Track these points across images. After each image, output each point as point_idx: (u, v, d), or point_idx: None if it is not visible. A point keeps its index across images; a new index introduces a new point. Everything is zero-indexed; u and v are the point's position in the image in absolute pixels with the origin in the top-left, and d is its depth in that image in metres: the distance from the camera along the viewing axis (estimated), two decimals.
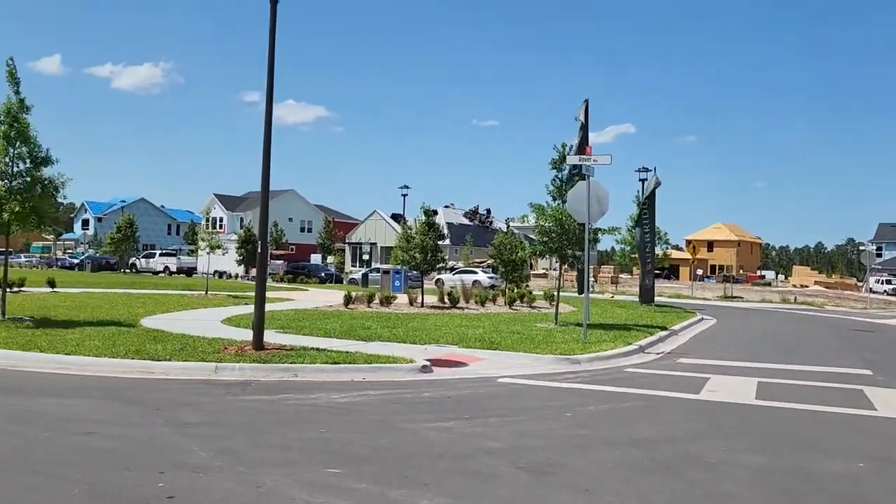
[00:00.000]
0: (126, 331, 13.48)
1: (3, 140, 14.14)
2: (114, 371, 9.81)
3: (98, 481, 5.02)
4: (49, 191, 14.84)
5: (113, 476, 5.16)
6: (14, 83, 14.46)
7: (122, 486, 4.94)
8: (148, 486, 4.94)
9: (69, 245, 78.97)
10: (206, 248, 26.46)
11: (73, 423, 6.73)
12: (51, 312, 16.67)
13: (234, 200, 73.79)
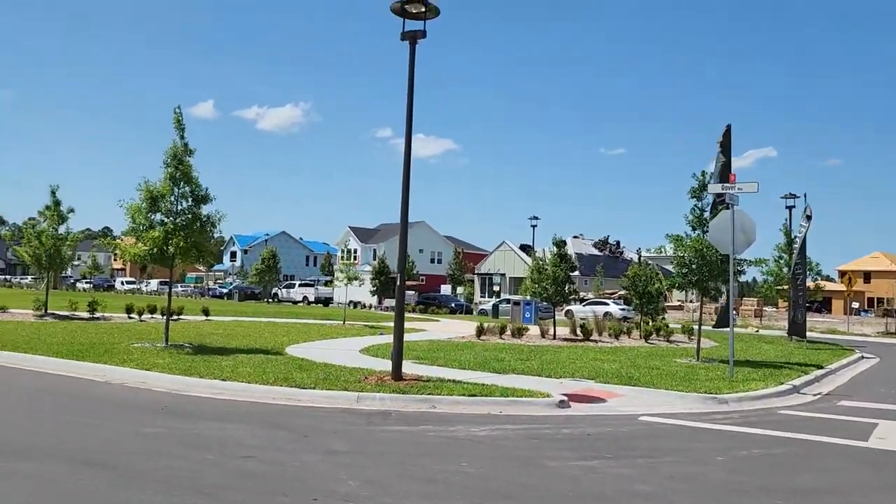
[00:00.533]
0: (273, 358, 14.21)
1: (169, 181, 15.45)
2: (264, 397, 10.34)
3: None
4: (207, 227, 16.04)
5: (271, 501, 5.41)
6: (180, 129, 15.81)
7: None
8: None
9: (219, 276, 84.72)
10: (343, 279, 27.53)
11: (233, 447, 7.13)
12: (206, 339, 17.89)
13: (368, 232, 76.45)
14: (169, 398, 10.07)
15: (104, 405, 9.32)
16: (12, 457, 6.33)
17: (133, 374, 11.76)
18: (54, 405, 9.20)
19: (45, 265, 25.89)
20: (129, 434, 7.58)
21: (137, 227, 15.43)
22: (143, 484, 5.67)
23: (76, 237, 26.57)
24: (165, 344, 15.48)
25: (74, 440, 7.13)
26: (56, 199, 25.54)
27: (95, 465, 6.18)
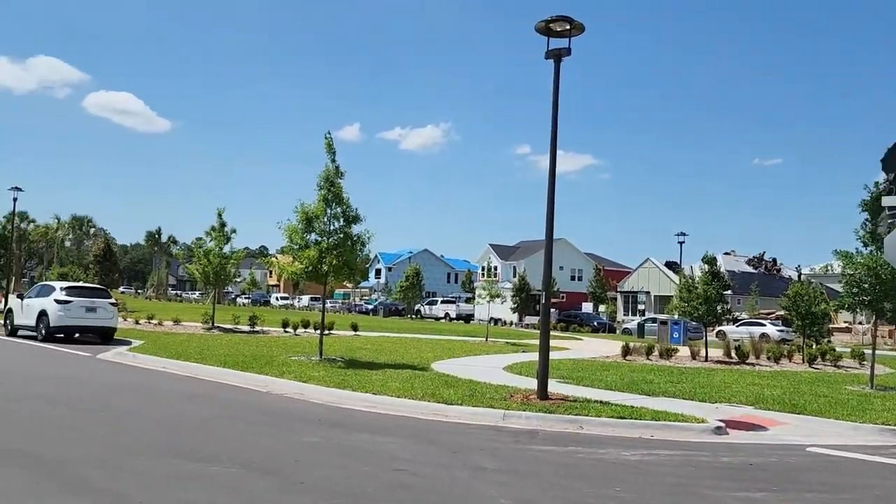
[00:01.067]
0: (420, 374, 14.54)
1: (323, 202, 16.30)
2: (412, 412, 10.58)
3: None
4: (357, 245, 16.75)
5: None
6: (331, 153, 16.64)
7: None
8: None
9: (365, 292, 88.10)
10: (486, 296, 27.77)
11: (386, 460, 7.35)
12: (356, 354, 18.62)
13: (507, 250, 76.71)
14: (324, 410, 10.56)
15: (267, 415, 9.92)
16: (201, 460, 6.87)
17: (291, 385, 12.44)
18: (227, 414, 9.90)
19: (211, 282, 28.10)
20: (291, 443, 8.02)
21: (294, 247, 16.38)
22: (306, 491, 5.97)
23: (239, 255, 28.65)
24: (319, 357, 16.27)
25: (247, 447, 7.63)
26: (222, 220, 27.71)
27: (266, 472, 6.57)
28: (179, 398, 11.09)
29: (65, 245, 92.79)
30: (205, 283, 30.13)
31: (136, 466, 6.52)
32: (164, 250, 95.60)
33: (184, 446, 7.50)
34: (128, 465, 6.58)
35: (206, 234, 28.57)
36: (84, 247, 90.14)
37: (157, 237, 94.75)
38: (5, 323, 22.86)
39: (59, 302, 20.06)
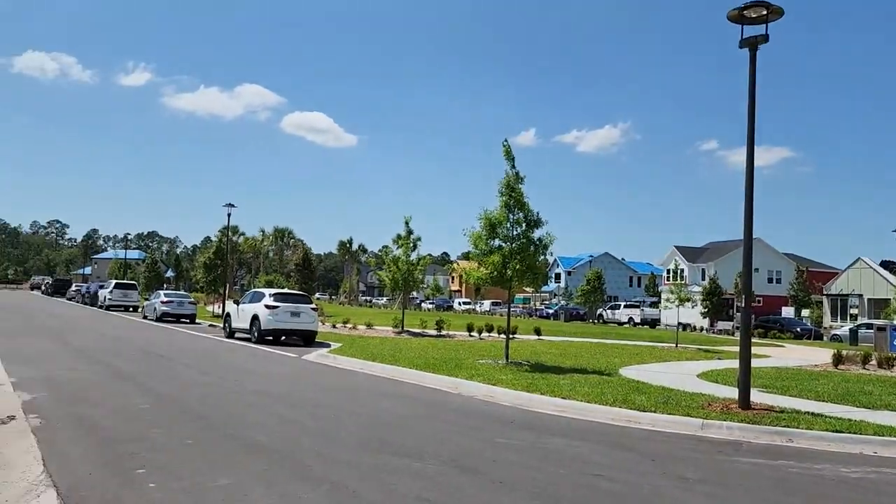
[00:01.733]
0: (608, 379, 14.26)
1: (504, 208, 16.54)
2: (602, 417, 10.41)
3: None
4: (540, 249, 16.80)
5: None
6: (510, 160, 16.85)
7: None
8: None
9: (544, 297, 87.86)
10: (674, 300, 26.63)
11: (581, 464, 7.31)
12: (541, 358, 18.65)
13: (695, 252, 72.98)
14: (515, 412, 10.69)
15: (461, 415, 10.23)
16: (405, 455, 7.27)
17: (481, 388, 12.73)
18: (425, 413, 10.35)
19: (400, 287, 29.42)
20: (486, 442, 8.21)
21: (479, 253, 16.76)
22: (505, 490, 6.10)
23: (426, 262, 29.78)
24: (506, 361, 16.49)
25: (445, 445, 7.94)
26: (409, 228, 28.96)
27: (465, 469, 6.80)
28: (379, 397, 11.74)
29: (269, 255, 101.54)
30: (393, 289, 31.61)
31: (347, 458, 7.02)
32: (354, 258, 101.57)
33: (388, 442, 7.95)
34: (340, 456, 7.10)
35: (393, 242, 29.96)
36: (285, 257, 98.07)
37: (348, 246, 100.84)
38: (225, 326, 25.47)
39: (269, 307, 22.01)
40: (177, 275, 76.40)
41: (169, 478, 6.00)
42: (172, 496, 5.48)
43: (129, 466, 6.32)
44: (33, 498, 5.35)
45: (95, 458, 6.60)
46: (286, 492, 5.74)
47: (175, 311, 33.20)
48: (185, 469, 6.32)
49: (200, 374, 13.52)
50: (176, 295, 35.88)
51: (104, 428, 8.05)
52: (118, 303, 43.31)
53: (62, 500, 5.27)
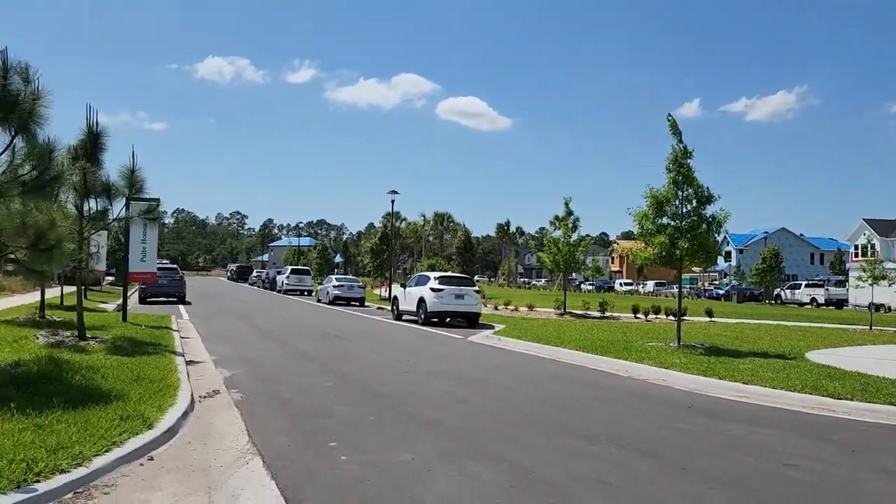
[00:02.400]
0: (793, 364, 13.32)
1: (672, 185, 15.82)
2: (790, 404, 9.73)
3: None
4: (713, 227, 15.92)
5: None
6: (676, 134, 16.06)
7: None
8: None
9: (713, 277, 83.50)
10: (867, 278, 24.32)
11: (770, 453, 6.88)
12: (716, 341, 17.76)
13: (887, 224, 66.05)
14: (691, 397, 10.27)
15: (634, 398, 9.98)
16: (581, 438, 7.23)
17: (653, 371, 12.34)
18: (597, 395, 10.21)
19: (561, 269, 29.17)
20: (664, 427, 7.96)
21: (645, 232, 16.17)
22: (689, 477, 5.88)
23: (587, 243, 29.32)
24: (678, 344, 15.87)
25: (622, 429, 7.79)
26: (569, 209, 28.61)
27: (645, 454, 6.64)
28: (548, 378, 11.73)
29: (429, 239, 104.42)
30: (552, 271, 31.40)
31: (523, 439, 7.08)
32: (511, 240, 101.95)
33: (563, 424, 7.93)
34: (516, 436, 7.17)
35: (551, 224, 29.72)
36: (445, 240, 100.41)
37: (506, 228, 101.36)
38: (393, 308, 26.55)
39: (434, 290, 22.65)
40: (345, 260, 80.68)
41: (356, 452, 6.36)
42: (362, 469, 5.80)
43: (321, 440, 6.77)
44: (243, 465, 5.88)
45: (291, 431, 7.14)
46: (467, 469, 5.90)
47: (345, 295, 35.08)
48: (370, 444, 6.67)
49: (374, 355, 14.20)
50: (346, 279, 37.87)
51: (295, 404, 8.67)
52: (294, 287, 46.45)
53: (268, 468, 5.75)
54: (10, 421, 6.20)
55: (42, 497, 4.74)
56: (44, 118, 8.61)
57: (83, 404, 7.05)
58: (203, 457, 6.09)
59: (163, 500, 4.91)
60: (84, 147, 13.11)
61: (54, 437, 5.80)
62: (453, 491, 5.29)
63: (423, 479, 5.57)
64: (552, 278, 79.04)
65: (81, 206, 13.17)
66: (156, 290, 30.04)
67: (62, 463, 5.23)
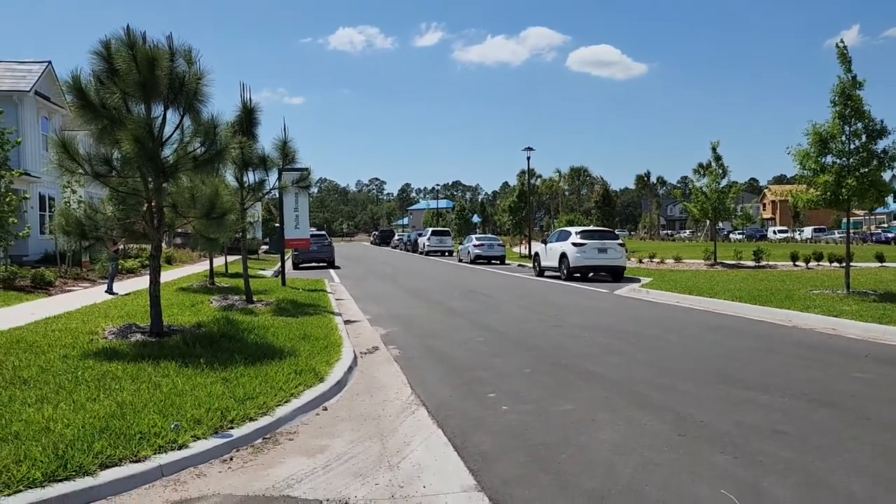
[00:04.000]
0: None
1: (839, 120, 14.55)
2: None
3: None
4: (886, 162, 14.54)
5: None
6: (845, 63, 14.70)
7: None
8: None
9: (881, 219, 76.58)
10: None
11: None
12: (890, 287, 16.36)
13: None
14: (867, 346, 9.55)
15: (802, 348, 9.42)
16: (749, 388, 6.96)
17: (821, 319, 11.58)
18: (760, 346, 9.74)
19: (710, 217, 27.82)
20: (839, 377, 7.47)
21: (807, 173, 15.04)
22: (875, 427, 5.50)
23: (737, 189, 27.74)
24: (847, 291, 14.77)
25: (792, 379, 7.40)
26: (717, 154, 27.12)
27: (821, 403, 6.28)
28: (704, 329, 11.31)
29: (565, 195, 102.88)
30: (697, 221, 30.03)
31: (687, 389, 6.90)
32: (652, 192, 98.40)
33: (727, 374, 7.64)
34: (679, 387, 7.00)
35: (694, 172, 28.28)
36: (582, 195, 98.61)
37: (646, 180, 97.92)
38: (534, 265, 26.51)
39: (576, 245, 22.34)
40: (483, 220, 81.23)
41: (517, 402, 6.46)
42: (524, 418, 5.89)
43: (480, 391, 6.94)
44: (409, 414, 6.15)
45: (450, 383, 7.37)
46: (631, 418, 5.84)
47: (486, 254, 35.42)
48: (530, 394, 6.75)
49: (521, 310, 14.28)
50: (486, 238, 38.18)
51: (451, 357, 8.93)
52: (435, 248, 47.48)
53: (433, 417, 5.98)
54: (202, 375, 6.83)
55: (237, 441, 5.21)
56: (206, 97, 9.28)
57: (260, 360, 7.64)
58: (372, 407, 6.43)
59: (341, 446, 5.24)
60: (240, 122, 13.96)
61: (241, 388, 6.33)
62: (620, 439, 5.26)
63: (587, 428, 5.58)
64: (697, 229, 75.64)
65: (241, 177, 14.09)
66: (308, 255, 31.75)
67: (250, 412, 5.71)
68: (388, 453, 5.06)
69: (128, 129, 8.37)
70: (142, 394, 6.04)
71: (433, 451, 5.10)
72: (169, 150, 9.14)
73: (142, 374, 6.80)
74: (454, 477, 4.55)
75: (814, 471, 4.52)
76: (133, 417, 5.30)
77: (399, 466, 4.77)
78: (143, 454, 4.63)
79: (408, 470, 4.70)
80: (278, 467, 4.77)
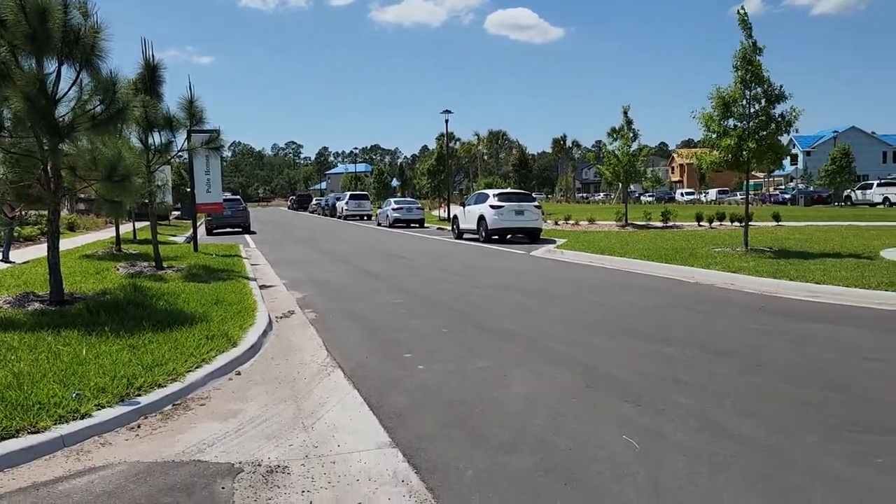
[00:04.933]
0: (868, 263, 12.93)
1: (740, 84, 15.12)
2: (864, 302, 9.53)
3: None
4: (782, 126, 15.25)
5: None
6: (746, 29, 15.23)
7: None
8: None
9: (779, 181, 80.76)
10: None
11: (848, 349, 6.78)
12: (784, 244, 17.33)
13: None
14: (762, 299, 10.13)
15: (704, 303, 9.90)
16: (654, 341, 7.27)
17: (721, 276, 12.18)
18: (665, 301, 10.17)
19: (622, 179, 28.64)
20: (737, 329, 7.90)
21: (712, 136, 15.63)
22: (767, 373, 5.87)
23: (647, 152, 28.62)
24: (745, 248, 15.55)
25: (694, 331, 7.78)
26: (627, 118, 27.83)
27: (719, 353, 6.64)
28: (614, 287, 11.72)
29: (484, 158, 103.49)
30: (610, 184, 30.91)
31: (595, 344, 7.15)
32: (568, 155, 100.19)
33: (633, 328, 7.96)
34: (588, 342, 7.25)
35: (609, 136, 29.00)
36: (500, 159, 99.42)
37: (562, 143, 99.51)
38: (453, 228, 26.69)
39: (494, 207, 22.59)
40: (402, 183, 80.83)
41: (433, 361, 6.55)
42: (440, 376, 5.98)
43: (397, 352, 6.99)
44: (325, 376, 6.13)
45: (367, 345, 7.38)
46: (542, 373, 6.02)
47: (405, 217, 35.38)
48: (446, 354, 6.85)
49: (440, 272, 14.39)
50: (405, 202, 38.09)
51: (369, 320, 8.92)
52: (354, 212, 47.06)
53: (349, 378, 5.99)
54: (107, 343, 6.58)
55: (145, 408, 5.07)
56: (105, 52, 8.78)
57: (170, 326, 7.42)
58: (287, 370, 6.37)
59: (255, 409, 5.19)
60: (143, 81, 13.31)
61: (149, 355, 6.15)
62: (531, 393, 5.42)
63: (501, 383, 5.71)
64: (611, 192, 77.73)
65: (146, 139, 13.48)
66: (222, 220, 30.90)
67: (159, 378, 5.56)
68: (302, 415, 5.05)
69: (17, 85, 7.85)
70: (40, 363, 5.78)
71: (349, 410, 5.12)
72: (65, 108, 8.63)
73: (41, 344, 6.50)
74: (369, 435, 4.59)
75: (710, 416, 4.80)
76: (31, 388, 5.07)
77: (313, 427, 4.76)
78: (42, 425, 4.45)
79: (322, 430, 4.70)
80: (189, 433, 4.68)
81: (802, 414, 4.81)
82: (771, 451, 4.12)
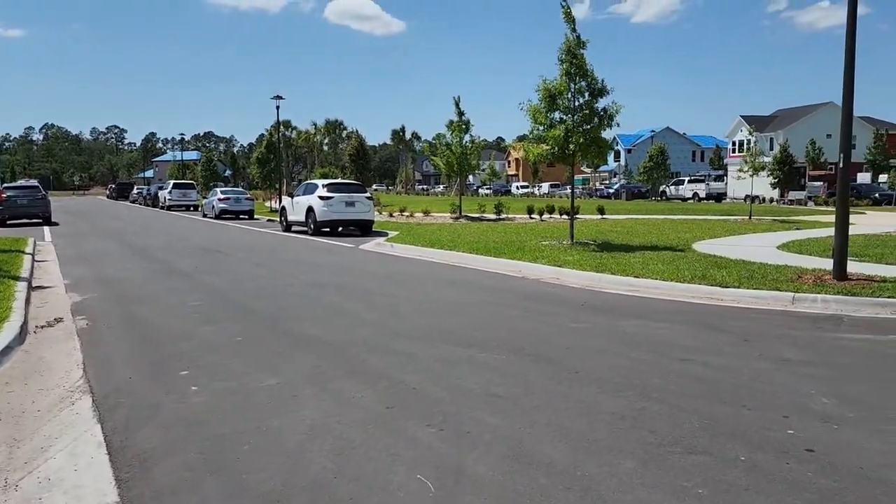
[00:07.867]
0: (682, 255, 13.34)
1: (565, 77, 15.15)
2: (681, 295, 9.61)
3: (717, 416, 4.58)
4: (605, 120, 15.47)
5: (730, 412, 4.67)
6: (570, 22, 15.30)
7: (746, 425, 4.41)
8: (776, 431, 4.30)
9: (604, 176, 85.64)
10: (748, 170, 25.00)
11: (667, 348, 6.54)
12: (608, 237, 17.74)
13: (762, 120, 68.99)
14: (585, 294, 9.95)
15: (527, 300, 9.54)
16: (471, 346, 6.62)
17: (546, 269, 12.00)
18: (489, 299, 9.69)
19: (455, 171, 28.51)
20: (558, 328, 7.52)
21: (539, 128, 15.55)
22: (583, 381, 5.41)
23: (479, 145, 28.66)
24: (571, 241, 15.67)
25: (514, 333, 7.27)
26: (459, 110, 27.68)
27: (537, 358, 6.13)
28: (439, 284, 11.14)
29: (323, 148, 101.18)
30: (448, 175, 30.78)
31: (408, 351, 6.42)
32: (408, 147, 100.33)
33: (451, 332, 7.32)
34: (400, 349, 6.51)
35: (447, 128, 28.80)
36: (339, 149, 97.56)
37: (401, 135, 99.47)
38: (281, 220, 25.23)
39: (323, 198, 21.46)
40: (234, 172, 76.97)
41: (213, 379, 5.51)
42: (214, 401, 4.97)
43: (172, 368, 5.86)
44: (66, 406, 4.91)
45: (138, 360, 6.18)
46: (339, 391, 5.18)
47: (233, 208, 33.22)
48: (232, 369, 5.83)
49: (255, 268, 13.18)
50: (233, 192, 35.82)
51: (152, 327, 7.66)
52: (178, 203, 43.81)
53: (97, 409, 4.81)
54: None
55: None
56: None
57: None
58: (20, 400, 5.08)
59: None
60: None
61: None
62: (320, 419, 4.56)
63: (286, 407, 4.81)
64: (450, 184, 78.61)
65: None
66: (15, 211, 27.37)
67: None
68: (12, 466, 3.86)
69: None
70: None
71: (78, 457, 3.99)
72: None
73: None
74: (92, 493, 3.51)
75: (520, 439, 4.18)
76: None
77: (18, 486, 3.61)
78: None
79: (29, 489, 3.57)
80: None
81: (619, 431, 4.32)
82: (582, 487, 3.54)
